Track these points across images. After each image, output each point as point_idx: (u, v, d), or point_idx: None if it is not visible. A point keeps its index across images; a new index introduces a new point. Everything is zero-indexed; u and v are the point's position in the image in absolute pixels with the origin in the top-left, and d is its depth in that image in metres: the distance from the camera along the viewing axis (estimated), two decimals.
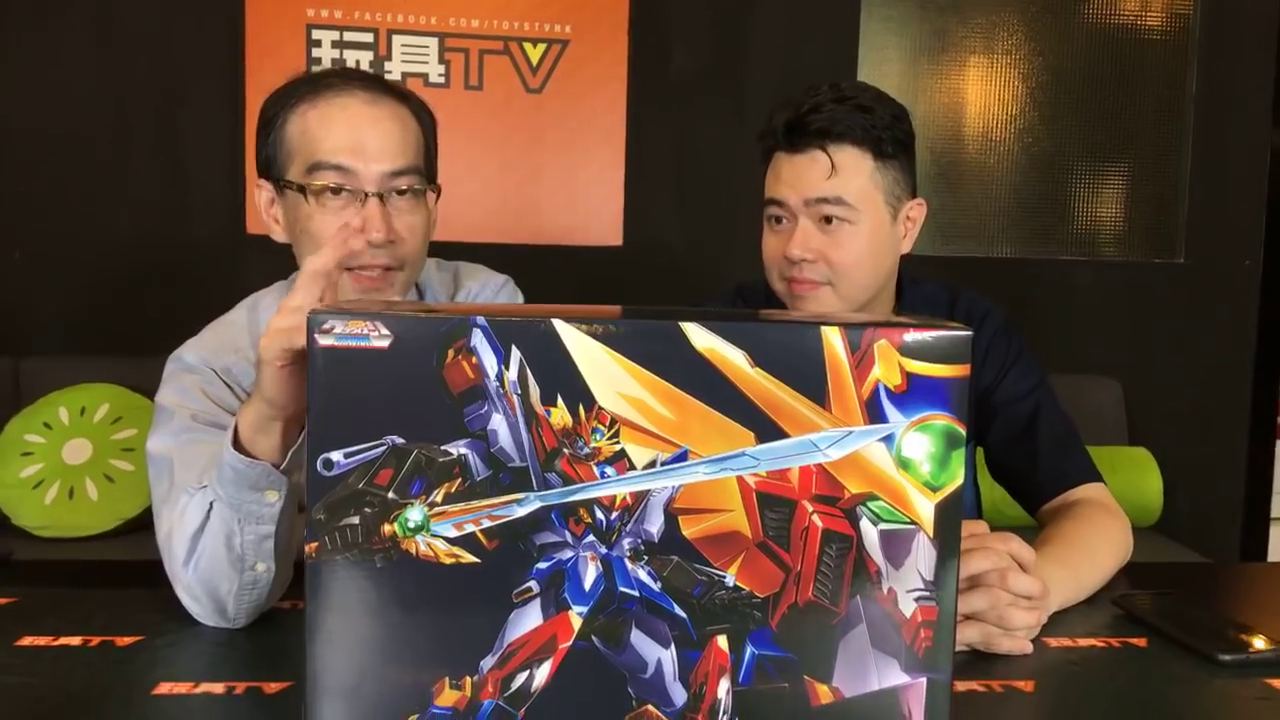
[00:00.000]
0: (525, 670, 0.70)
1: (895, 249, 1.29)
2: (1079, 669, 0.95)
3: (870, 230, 1.23)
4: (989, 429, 1.33)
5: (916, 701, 0.72)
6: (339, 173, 1.07)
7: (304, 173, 1.08)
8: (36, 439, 2.33)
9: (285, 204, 1.11)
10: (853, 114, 1.21)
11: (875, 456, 0.70)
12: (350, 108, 1.09)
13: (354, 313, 0.69)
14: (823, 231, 1.22)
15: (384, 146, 1.09)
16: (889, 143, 1.22)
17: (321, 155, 1.07)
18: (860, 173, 1.22)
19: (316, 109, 1.09)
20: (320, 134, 1.08)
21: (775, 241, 1.27)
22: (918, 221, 1.30)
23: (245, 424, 0.90)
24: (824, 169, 1.21)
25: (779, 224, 1.27)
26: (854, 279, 1.23)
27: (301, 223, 1.08)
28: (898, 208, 1.26)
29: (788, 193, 1.24)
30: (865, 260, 1.23)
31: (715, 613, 0.71)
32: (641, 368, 0.69)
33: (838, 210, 1.21)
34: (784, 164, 1.25)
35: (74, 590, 1.08)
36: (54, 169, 2.56)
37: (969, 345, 0.71)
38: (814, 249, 1.22)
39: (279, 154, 1.11)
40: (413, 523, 0.69)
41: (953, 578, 0.71)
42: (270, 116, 1.12)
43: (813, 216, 1.23)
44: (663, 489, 0.70)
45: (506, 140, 2.68)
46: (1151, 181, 2.86)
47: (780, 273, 1.27)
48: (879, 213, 1.23)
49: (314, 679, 0.70)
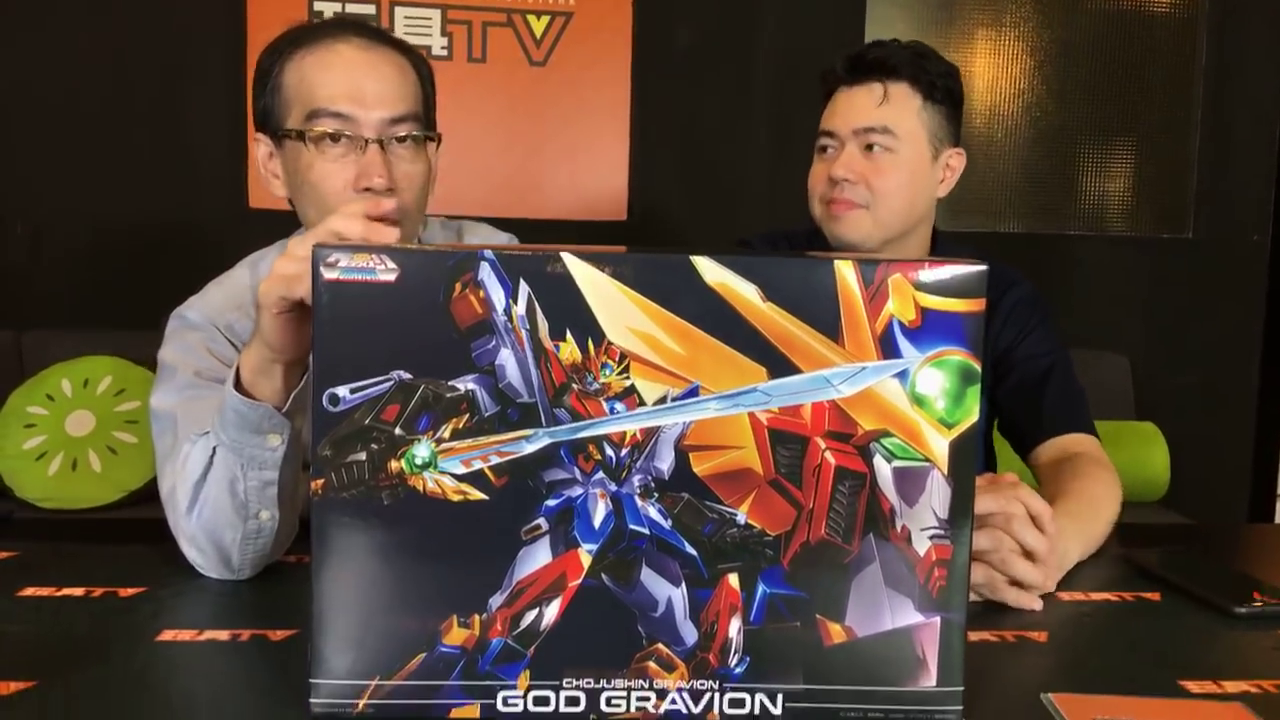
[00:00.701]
0: (534, 608, 0.69)
1: (932, 189, 1.36)
2: (1092, 620, 0.94)
3: (911, 162, 1.31)
4: (1002, 384, 1.37)
5: (930, 641, 0.71)
6: (338, 119, 1.05)
7: (303, 120, 1.06)
8: (39, 411, 2.32)
9: (285, 155, 1.10)
10: (910, 55, 1.32)
11: (889, 392, 0.69)
12: (347, 54, 1.07)
13: (360, 246, 0.68)
14: (866, 158, 1.31)
15: (382, 93, 1.07)
16: (940, 89, 1.32)
17: (320, 102, 1.05)
18: (909, 108, 1.31)
19: (313, 55, 1.07)
20: (318, 81, 1.06)
21: (822, 167, 1.36)
22: (956, 170, 1.37)
23: (247, 367, 0.89)
24: (877, 97, 1.31)
25: (826, 153, 1.36)
26: (890, 205, 1.31)
27: (302, 172, 1.07)
28: (939, 150, 1.34)
29: (839, 123, 1.33)
30: (903, 189, 1.31)
31: (726, 551, 0.70)
32: (652, 302, 0.68)
33: (883, 139, 1.30)
34: (841, 97, 1.35)
35: (76, 545, 1.07)
36: (56, 142, 2.54)
37: (985, 280, 0.70)
38: (856, 171, 1.31)
39: (276, 105, 1.09)
40: (420, 459, 0.68)
41: (968, 516, 0.70)
42: (266, 68, 1.10)
43: (859, 144, 1.32)
44: (673, 425, 0.69)
45: (510, 113, 2.66)
46: (1160, 157, 2.84)
47: (822, 195, 1.35)
48: (921, 149, 1.32)
49: (320, 618, 0.69)
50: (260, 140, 1.12)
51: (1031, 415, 1.34)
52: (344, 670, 0.70)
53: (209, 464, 0.94)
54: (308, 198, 1.07)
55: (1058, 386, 1.34)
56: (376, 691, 0.70)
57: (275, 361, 0.87)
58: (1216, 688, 0.80)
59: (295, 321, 0.84)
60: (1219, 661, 0.86)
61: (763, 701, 0.71)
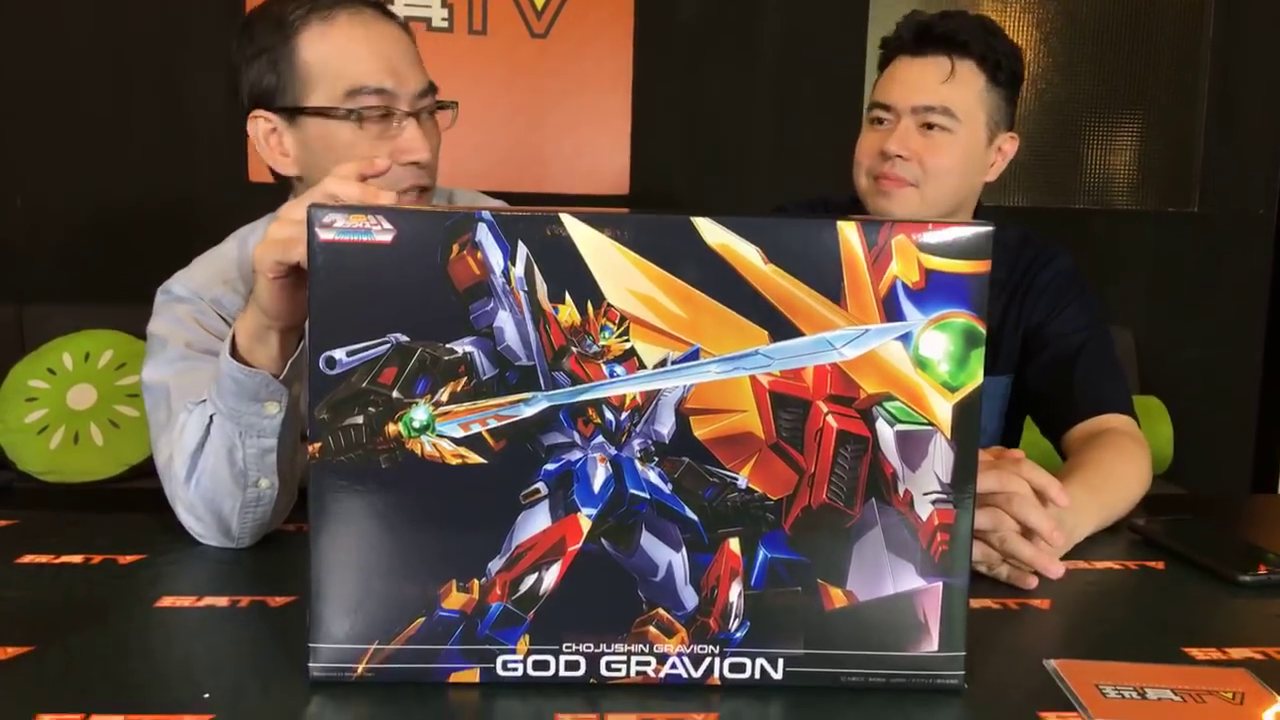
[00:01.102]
0: (534, 573, 0.69)
1: (983, 172, 1.33)
2: (1096, 588, 0.94)
3: (966, 144, 1.28)
4: (1037, 359, 1.34)
5: (932, 606, 0.70)
6: (381, 95, 1.04)
7: (342, 97, 1.04)
8: (41, 384, 2.32)
9: (303, 133, 1.07)
10: (980, 31, 1.28)
11: (892, 355, 0.68)
12: (370, 26, 1.05)
13: (356, 207, 0.67)
14: (923, 135, 1.28)
15: (412, 67, 1.07)
16: (1005, 71, 1.28)
17: (361, 79, 1.04)
18: (973, 88, 1.28)
19: (335, 29, 1.04)
20: (352, 56, 1.04)
21: (874, 138, 1.31)
22: (1008, 155, 1.34)
23: (243, 334, 0.89)
24: (943, 73, 1.27)
25: (880, 125, 1.32)
26: (942, 184, 1.28)
27: (339, 149, 1.04)
28: (994, 133, 1.31)
29: (898, 96, 1.29)
30: (956, 170, 1.29)
31: (727, 515, 0.69)
32: (652, 264, 0.67)
33: (942, 119, 1.27)
34: (903, 67, 1.30)
35: (75, 514, 1.07)
36: (55, 115, 2.53)
37: (989, 240, 0.69)
38: (911, 148, 1.27)
39: (290, 81, 1.05)
40: (418, 422, 0.68)
41: (971, 481, 0.70)
42: (269, 44, 1.06)
43: (916, 121, 1.28)
44: (673, 389, 0.68)
45: (510, 86, 2.64)
46: (1166, 130, 2.81)
47: (870, 169, 1.31)
48: (977, 131, 1.29)
49: (318, 582, 0.69)
50: (260, 117, 1.08)
51: (1062, 396, 1.29)
52: (343, 635, 0.69)
53: (206, 433, 0.93)
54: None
55: (1091, 365, 1.29)
56: (375, 656, 0.69)
57: (271, 328, 0.87)
58: (1221, 655, 0.79)
59: (291, 286, 0.83)
60: (1223, 629, 0.86)
61: (763, 666, 0.71)
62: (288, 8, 1.07)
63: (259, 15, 1.08)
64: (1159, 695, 0.71)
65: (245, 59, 1.07)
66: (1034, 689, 0.73)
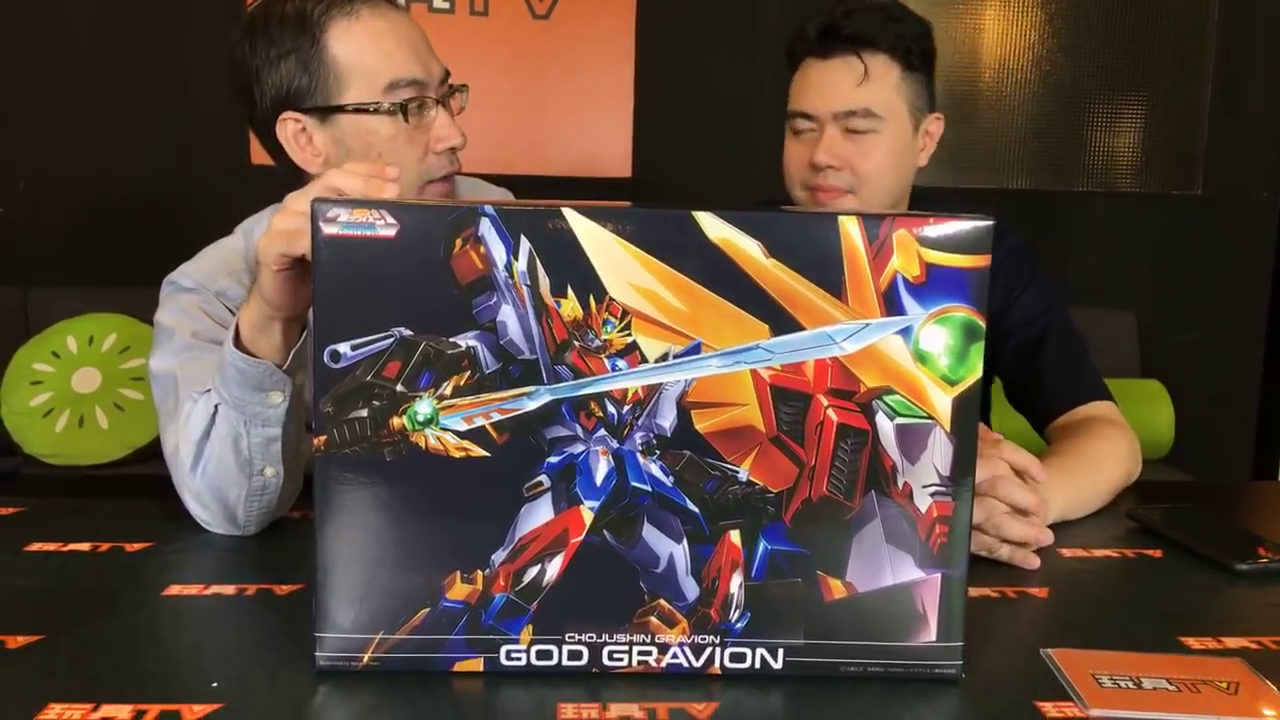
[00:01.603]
0: (537, 564, 0.70)
1: (914, 160, 1.31)
2: (1093, 577, 0.95)
3: (893, 139, 1.26)
4: (1000, 351, 1.32)
5: (931, 597, 0.71)
6: (416, 86, 1.05)
7: (381, 92, 1.04)
8: (45, 368, 2.33)
9: (335, 131, 1.06)
10: (885, 22, 1.24)
11: (892, 350, 0.69)
12: (390, 18, 1.06)
13: (360, 201, 0.68)
14: (849, 140, 1.25)
15: (432, 54, 1.09)
16: (916, 54, 1.26)
17: (397, 71, 1.04)
18: (888, 81, 1.25)
19: (360, 23, 1.04)
20: (383, 49, 1.04)
21: (800, 149, 1.29)
22: (935, 136, 1.32)
23: (246, 324, 0.89)
24: (856, 74, 1.23)
25: (802, 135, 1.29)
26: (876, 186, 1.26)
27: (379, 144, 1.05)
28: (919, 120, 1.29)
29: (817, 104, 1.26)
30: (888, 168, 1.26)
31: (728, 508, 0.70)
32: (654, 258, 0.68)
33: (865, 122, 1.24)
34: (814, 71, 1.27)
35: (81, 501, 1.08)
36: (57, 99, 2.53)
37: (990, 235, 0.69)
38: (840, 156, 1.25)
39: (322, 78, 1.04)
40: (422, 416, 0.68)
41: (969, 473, 0.70)
42: (294, 45, 1.04)
43: (839, 127, 1.25)
44: (675, 382, 0.69)
45: (512, 68, 2.63)
46: (1170, 112, 2.80)
47: (803, 181, 1.29)
48: (902, 122, 1.27)
49: (323, 573, 0.70)
50: (289, 119, 1.06)
51: (1036, 391, 1.30)
52: (348, 625, 0.70)
53: (211, 421, 0.94)
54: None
55: (1056, 353, 1.29)
56: (381, 645, 0.70)
57: (274, 319, 0.87)
58: (1216, 644, 0.80)
59: (295, 279, 0.83)
60: (1220, 618, 0.86)
61: (763, 656, 0.71)
62: (305, 4, 1.05)
63: (273, 15, 1.06)
64: (1154, 685, 0.72)
65: (268, 61, 1.05)
66: (1031, 678, 0.73)
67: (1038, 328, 1.31)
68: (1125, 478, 1.17)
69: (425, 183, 1.08)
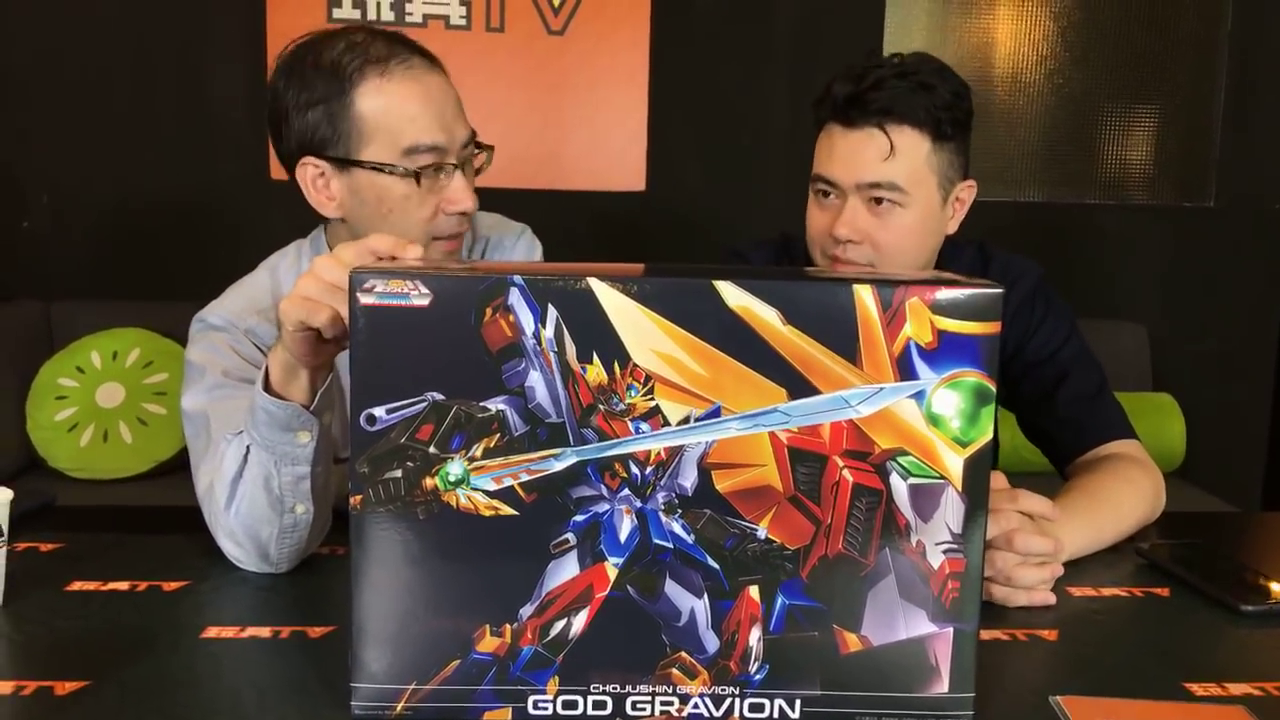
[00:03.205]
0: (563, 618, 0.73)
1: (941, 231, 1.27)
2: (1102, 618, 0.97)
3: (919, 213, 1.21)
4: (1018, 390, 1.32)
5: (943, 650, 0.74)
6: (434, 152, 1.08)
7: (400, 155, 1.07)
8: (70, 383, 2.37)
9: (351, 181, 1.09)
10: (914, 93, 1.18)
11: (906, 413, 0.71)
12: (422, 80, 1.08)
13: (395, 272, 0.70)
14: (872, 213, 1.21)
15: (459, 118, 1.11)
16: (948, 123, 1.20)
17: (419, 136, 1.07)
18: (916, 155, 1.20)
19: (391, 83, 1.07)
20: (407, 112, 1.07)
21: (822, 217, 1.25)
22: (967, 203, 1.28)
23: (275, 368, 0.93)
24: (881, 150, 1.19)
25: (826, 199, 1.25)
26: (898, 261, 1.22)
27: (390, 201, 1.08)
28: (949, 190, 1.24)
29: (840, 173, 1.21)
30: (911, 243, 1.23)
31: (747, 564, 0.73)
32: (676, 325, 0.70)
33: (890, 195, 1.20)
34: (839, 139, 1.22)
35: (117, 535, 1.11)
36: (78, 112, 2.56)
37: (1000, 302, 0.71)
38: (861, 230, 1.21)
39: (345, 131, 1.08)
40: (453, 476, 0.71)
41: (980, 530, 0.73)
42: (324, 95, 1.07)
43: (863, 198, 1.21)
44: (696, 444, 0.71)
45: (528, 83, 2.66)
46: (1183, 124, 2.81)
47: (824, 249, 1.25)
48: (930, 195, 1.22)
49: (359, 625, 0.73)
50: (309, 164, 1.10)
51: (1056, 433, 1.28)
52: (383, 675, 0.73)
53: (244, 462, 0.97)
54: (391, 224, 1.08)
55: (1075, 393, 1.28)
56: (414, 695, 0.73)
57: (300, 367, 0.91)
58: (1220, 690, 0.82)
59: (314, 339, 0.87)
60: (1224, 662, 0.89)
61: (781, 706, 0.74)
62: (342, 57, 1.08)
63: (309, 60, 1.09)
64: None
65: (297, 106, 1.08)
66: None
67: (1054, 366, 1.29)
68: (1145, 516, 1.18)
69: (432, 239, 1.11)
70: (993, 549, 0.96)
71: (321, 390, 0.94)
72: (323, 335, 0.86)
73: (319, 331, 0.85)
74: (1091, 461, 1.24)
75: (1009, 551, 0.97)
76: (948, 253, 1.34)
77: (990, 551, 0.96)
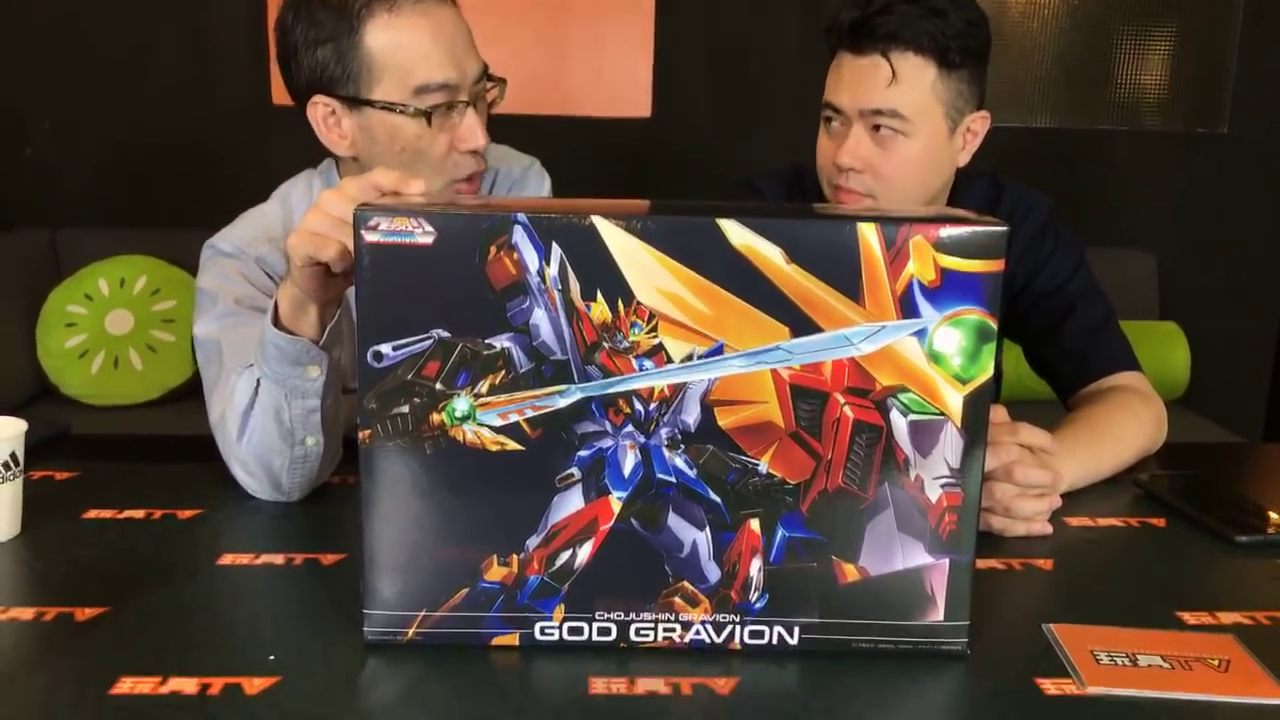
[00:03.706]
0: (568, 549, 0.74)
1: (950, 162, 1.25)
2: (1097, 548, 0.99)
3: (924, 143, 1.19)
4: (1025, 322, 1.32)
5: (939, 580, 0.75)
6: (445, 90, 1.07)
7: (410, 93, 1.06)
8: (79, 310, 2.38)
9: (363, 120, 1.09)
10: (923, 18, 1.16)
11: (907, 350, 0.72)
12: (431, 14, 1.06)
13: (399, 209, 0.71)
14: (874, 141, 1.19)
15: (470, 52, 1.10)
16: (956, 51, 1.17)
17: (430, 75, 1.06)
18: (920, 83, 1.17)
19: (400, 18, 1.05)
20: (419, 52, 1.06)
21: (828, 145, 1.24)
22: (979, 134, 1.25)
23: (284, 304, 0.93)
24: (884, 76, 1.17)
25: (831, 126, 1.24)
26: (899, 192, 1.21)
27: (403, 140, 1.08)
28: (958, 120, 1.21)
29: (844, 99, 1.20)
30: (913, 174, 1.21)
31: (748, 498, 0.74)
32: (679, 264, 0.71)
33: (891, 122, 1.18)
34: (845, 65, 1.20)
35: (132, 464, 1.13)
36: (79, 40, 2.53)
37: (1004, 240, 0.72)
38: (863, 158, 1.20)
39: (355, 69, 1.07)
40: (459, 412, 0.72)
41: (978, 465, 0.74)
42: (332, 32, 1.06)
43: (866, 125, 1.19)
44: (699, 381, 0.72)
45: (534, 8, 2.61)
46: (1198, 47, 2.75)
47: (829, 178, 1.25)
48: (936, 125, 1.19)
49: (370, 555, 0.75)
50: (319, 102, 1.09)
51: (1062, 366, 1.29)
52: (394, 602, 0.76)
53: (254, 394, 0.99)
54: (404, 163, 1.08)
55: (1081, 324, 1.28)
56: (424, 621, 0.76)
57: (308, 301, 0.91)
58: (1211, 619, 0.84)
59: (323, 274, 0.87)
60: (1217, 591, 0.91)
61: (780, 633, 0.76)
62: None
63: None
64: (1149, 662, 0.77)
65: (305, 44, 1.07)
66: (1032, 654, 0.78)
67: (1061, 298, 1.29)
68: (1145, 447, 1.19)
69: (448, 182, 1.11)
70: (992, 480, 0.98)
71: (330, 325, 0.95)
72: (331, 270, 0.86)
73: (327, 266, 0.86)
74: (1094, 393, 1.24)
75: (1008, 483, 0.98)
76: (961, 184, 1.32)
77: (989, 483, 0.98)
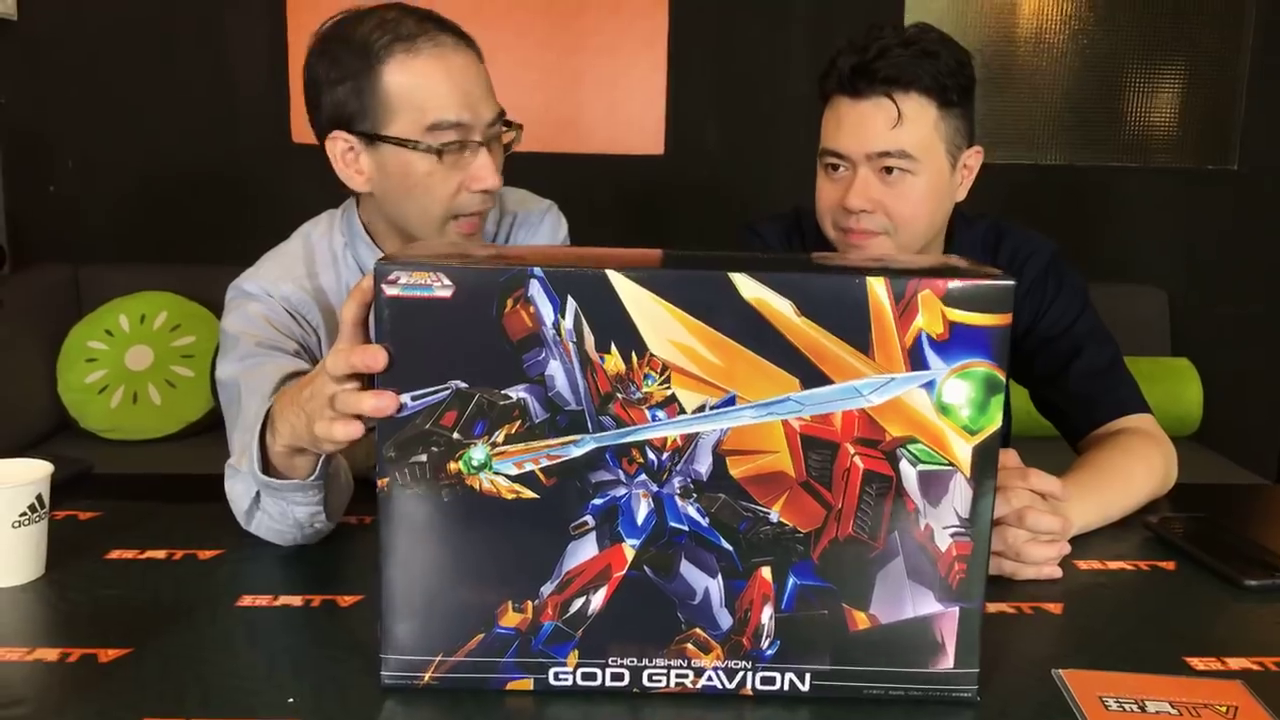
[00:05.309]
0: (582, 596, 0.76)
1: (952, 197, 1.28)
2: (1107, 591, 0.99)
3: (930, 180, 1.22)
4: (1030, 366, 1.33)
5: (949, 628, 0.76)
6: (458, 129, 1.10)
7: (423, 130, 1.09)
8: (99, 345, 2.41)
9: (378, 156, 1.12)
10: (919, 60, 1.19)
11: (916, 402, 0.73)
12: (448, 58, 1.10)
13: (418, 264, 0.73)
14: (883, 182, 1.22)
15: (485, 95, 1.13)
16: (953, 89, 1.21)
17: (441, 113, 1.09)
18: (924, 122, 1.21)
19: (418, 60, 1.09)
20: (434, 90, 1.09)
21: (832, 190, 1.25)
22: (974, 170, 1.29)
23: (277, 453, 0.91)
24: (889, 117, 1.19)
25: (836, 172, 1.25)
26: (912, 229, 1.23)
27: (414, 177, 1.11)
28: (957, 156, 1.25)
29: (849, 144, 1.22)
30: (923, 210, 1.23)
31: (760, 546, 0.75)
32: (692, 316, 0.72)
33: (900, 163, 1.20)
34: (846, 110, 1.22)
35: (153, 504, 1.15)
36: (102, 76, 2.59)
37: (1011, 294, 0.73)
38: (874, 199, 1.21)
39: (372, 107, 1.10)
40: (476, 461, 0.74)
41: (987, 514, 0.75)
42: (353, 70, 1.10)
43: (873, 168, 1.21)
44: (711, 431, 0.74)
45: (548, 45, 2.65)
46: (1208, 85, 2.77)
47: (836, 221, 1.26)
48: (939, 162, 1.23)
49: (388, 600, 0.76)
50: (339, 138, 1.13)
51: (1069, 408, 1.30)
52: (411, 647, 0.77)
53: (255, 498, 0.99)
54: (420, 201, 1.12)
55: (1087, 369, 1.28)
56: (440, 666, 0.77)
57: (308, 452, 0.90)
58: (1220, 664, 0.85)
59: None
60: (1225, 636, 0.91)
61: (792, 680, 0.77)
62: (372, 34, 1.10)
63: (341, 38, 1.12)
64: (1158, 708, 0.77)
65: (328, 82, 1.12)
66: (1042, 699, 0.79)
67: (1067, 342, 1.30)
68: (1155, 491, 1.19)
69: (452, 217, 1.14)
70: (1003, 525, 0.99)
71: (321, 460, 0.92)
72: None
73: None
74: (1103, 437, 1.25)
75: (1019, 528, 0.99)
76: (960, 229, 1.34)
77: (1001, 527, 0.99)
